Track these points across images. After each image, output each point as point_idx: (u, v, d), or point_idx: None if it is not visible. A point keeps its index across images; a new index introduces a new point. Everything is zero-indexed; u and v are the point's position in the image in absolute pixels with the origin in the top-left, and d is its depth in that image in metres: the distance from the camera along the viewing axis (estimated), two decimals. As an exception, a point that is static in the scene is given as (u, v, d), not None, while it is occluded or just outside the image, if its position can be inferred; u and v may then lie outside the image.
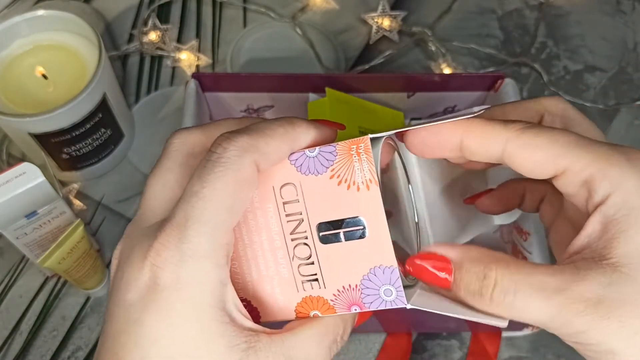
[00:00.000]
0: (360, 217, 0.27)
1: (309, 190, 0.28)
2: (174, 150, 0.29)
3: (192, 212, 0.25)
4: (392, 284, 0.27)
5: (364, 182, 0.27)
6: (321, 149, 0.27)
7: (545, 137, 0.28)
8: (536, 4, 0.72)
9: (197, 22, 0.71)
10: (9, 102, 0.54)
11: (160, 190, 0.28)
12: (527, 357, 0.54)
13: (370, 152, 0.26)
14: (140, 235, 0.26)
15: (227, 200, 0.25)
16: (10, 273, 0.57)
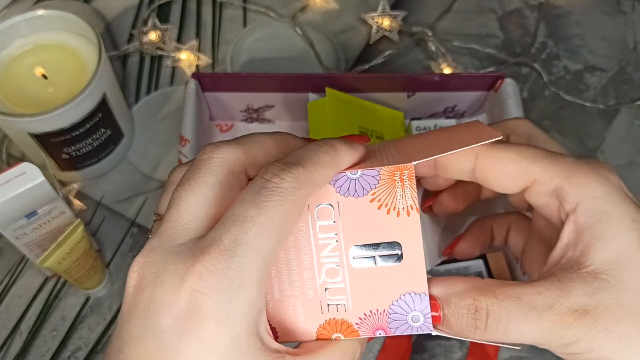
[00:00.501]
0: (397, 242, 0.27)
1: (346, 212, 0.27)
2: (216, 165, 0.26)
3: (244, 237, 0.24)
4: (421, 310, 0.27)
5: (405, 208, 0.27)
6: (364, 172, 0.27)
7: (513, 151, 0.29)
8: (536, 4, 0.72)
9: (197, 22, 0.71)
10: (9, 102, 0.54)
11: (197, 205, 0.26)
12: (527, 357, 0.54)
13: (413, 179, 0.27)
14: (172, 253, 0.24)
15: (280, 230, 0.25)
16: (10, 273, 0.57)
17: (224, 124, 0.63)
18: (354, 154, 0.28)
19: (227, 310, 0.23)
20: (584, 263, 0.27)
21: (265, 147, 0.28)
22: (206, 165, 0.26)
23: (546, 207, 0.30)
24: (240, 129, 0.62)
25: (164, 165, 0.62)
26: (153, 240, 0.25)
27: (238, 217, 0.24)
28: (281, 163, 0.26)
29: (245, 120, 0.63)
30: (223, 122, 0.63)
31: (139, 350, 0.24)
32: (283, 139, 0.29)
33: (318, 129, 0.56)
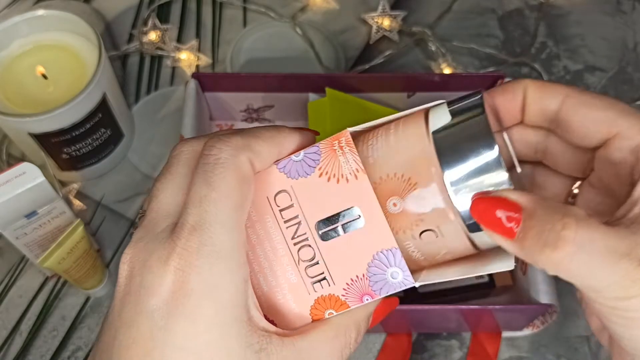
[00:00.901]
0: (354, 207, 0.27)
1: (301, 192, 0.28)
2: (185, 157, 0.28)
3: (206, 215, 0.25)
4: (397, 265, 0.27)
5: (352, 173, 0.27)
6: (305, 152, 0.28)
7: (603, 100, 0.28)
8: (536, 4, 0.72)
9: (197, 22, 0.71)
10: (9, 102, 0.54)
11: (173, 194, 0.27)
12: (527, 357, 0.54)
13: (352, 144, 0.27)
14: (155, 240, 0.26)
15: (235, 199, 0.26)
16: (10, 273, 0.57)
17: (224, 124, 0.63)
18: (296, 136, 0.29)
19: (209, 282, 0.25)
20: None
21: None
22: (177, 158, 0.28)
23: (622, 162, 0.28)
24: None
25: (163, 165, 0.62)
26: (138, 232, 0.27)
27: (195, 198, 0.26)
28: (219, 135, 0.27)
29: (245, 120, 0.63)
30: (223, 122, 0.63)
31: (133, 335, 0.25)
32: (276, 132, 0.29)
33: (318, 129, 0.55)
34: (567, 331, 0.55)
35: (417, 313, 0.49)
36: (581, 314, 0.55)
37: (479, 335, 0.54)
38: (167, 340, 0.24)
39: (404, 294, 0.51)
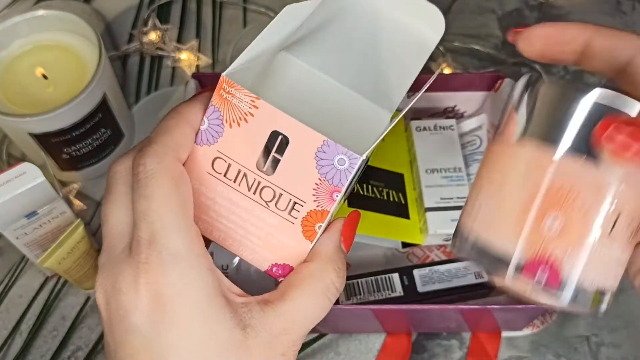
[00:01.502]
0: (272, 131, 0.29)
1: (228, 150, 0.30)
2: (121, 176, 0.30)
3: (154, 226, 0.27)
4: (338, 153, 0.28)
5: (250, 107, 0.29)
6: (207, 116, 0.30)
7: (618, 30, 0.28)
8: (536, 4, 0.72)
9: (197, 22, 0.71)
10: (9, 102, 0.54)
11: (121, 215, 0.29)
12: (527, 357, 0.54)
13: (233, 84, 0.28)
14: (118, 263, 0.27)
15: (175, 201, 0.27)
16: (11, 273, 0.57)
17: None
18: (195, 105, 0.30)
19: (179, 285, 0.26)
20: None
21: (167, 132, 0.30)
22: (114, 179, 0.30)
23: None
24: (240, 129, 0.63)
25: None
26: (101, 258, 0.29)
27: (139, 214, 0.27)
28: (137, 149, 0.29)
29: (245, 120, 0.63)
30: (223, 122, 0.63)
31: (129, 351, 0.27)
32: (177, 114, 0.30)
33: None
34: (567, 331, 0.55)
35: (416, 313, 0.49)
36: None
37: (478, 335, 0.54)
38: (161, 346, 0.26)
39: (404, 293, 0.51)
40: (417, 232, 0.55)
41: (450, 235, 0.54)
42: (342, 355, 0.54)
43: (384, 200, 0.55)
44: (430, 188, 0.55)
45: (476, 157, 0.58)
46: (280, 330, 0.28)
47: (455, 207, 0.54)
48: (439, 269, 0.52)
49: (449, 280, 0.52)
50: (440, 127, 0.58)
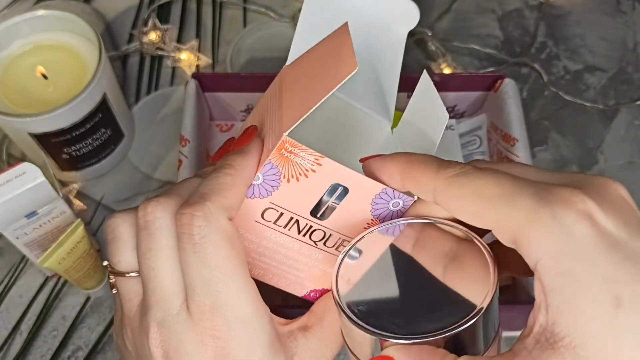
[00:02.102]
0: (333, 183, 0.29)
1: (281, 201, 0.30)
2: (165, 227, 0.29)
3: (219, 295, 0.27)
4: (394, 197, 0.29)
5: (313, 164, 0.29)
6: (262, 172, 0.29)
7: (471, 188, 0.25)
8: (536, 4, 0.72)
9: (197, 22, 0.71)
10: (9, 102, 0.54)
11: (169, 271, 0.29)
12: (527, 357, 0.54)
13: (297, 144, 0.28)
14: (179, 324, 0.28)
15: (237, 268, 0.28)
16: (10, 273, 0.57)
17: (224, 124, 0.63)
18: (250, 160, 0.30)
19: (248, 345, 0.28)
20: (558, 334, 0.23)
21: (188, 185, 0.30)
22: (157, 227, 0.29)
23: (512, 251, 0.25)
24: (240, 129, 0.62)
25: (164, 165, 0.62)
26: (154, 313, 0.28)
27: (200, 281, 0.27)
28: (188, 207, 0.28)
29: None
30: (223, 122, 0.63)
31: None
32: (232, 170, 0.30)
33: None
34: (567, 331, 0.55)
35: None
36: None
37: (478, 335, 0.54)
38: None
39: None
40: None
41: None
42: (342, 356, 0.54)
43: (384, 200, 0.55)
44: (430, 188, 0.55)
45: (476, 157, 0.58)
46: (320, 354, 0.31)
47: (455, 207, 0.54)
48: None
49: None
50: (440, 127, 0.58)
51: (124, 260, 0.31)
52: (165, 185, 0.61)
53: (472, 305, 0.26)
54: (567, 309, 0.23)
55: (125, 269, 0.31)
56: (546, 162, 0.62)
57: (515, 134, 0.55)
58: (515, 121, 0.55)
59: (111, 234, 0.31)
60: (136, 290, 0.30)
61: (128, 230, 0.30)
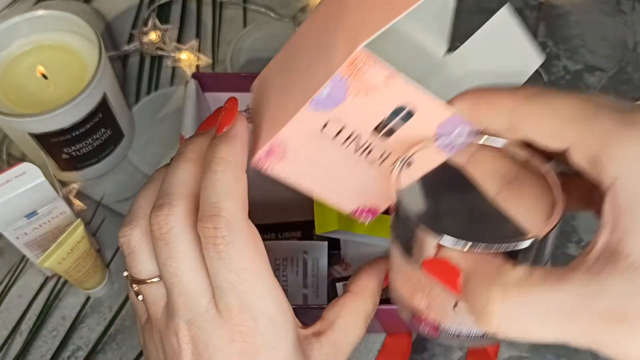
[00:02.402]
0: (401, 104, 0.28)
1: (345, 115, 0.29)
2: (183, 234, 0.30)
3: (245, 295, 0.29)
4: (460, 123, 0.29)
5: (384, 80, 0.27)
6: (330, 84, 0.28)
7: (550, 106, 0.26)
8: (536, 3, 0.72)
9: (197, 22, 0.71)
10: (9, 102, 0.54)
11: (193, 272, 0.30)
12: (527, 357, 0.54)
13: (372, 57, 0.27)
14: (208, 322, 0.29)
15: (261, 268, 0.29)
16: (11, 273, 0.57)
17: (224, 124, 0.63)
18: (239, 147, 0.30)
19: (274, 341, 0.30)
20: (623, 251, 0.22)
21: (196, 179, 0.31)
22: (172, 236, 0.30)
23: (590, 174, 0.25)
24: (240, 129, 0.62)
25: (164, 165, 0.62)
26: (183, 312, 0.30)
27: (227, 284, 0.29)
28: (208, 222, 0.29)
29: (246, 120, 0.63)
30: (223, 122, 0.63)
31: None
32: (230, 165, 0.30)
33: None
34: (567, 331, 0.55)
35: (417, 313, 0.49)
36: (581, 314, 0.55)
37: (478, 335, 0.54)
38: None
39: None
40: (417, 232, 0.55)
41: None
42: None
43: (384, 200, 0.55)
44: (430, 188, 0.55)
45: (476, 157, 0.58)
46: (333, 357, 0.32)
47: (455, 207, 0.54)
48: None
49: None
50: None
51: (144, 269, 0.32)
52: (165, 185, 0.61)
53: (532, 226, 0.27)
54: (636, 230, 0.23)
55: (147, 277, 0.32)
56: (546, 162, 0.62)
57: (515, 134, 0.55)
58: (515, 121, 0.55)
59: (127, 249, 0.32)
60: (161, 294, 0.31)
61: (140, 240, 0.31)
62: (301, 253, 0.53)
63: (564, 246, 0.58)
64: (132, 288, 0.32)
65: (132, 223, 0.31)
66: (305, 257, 0.53)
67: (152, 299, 0.32)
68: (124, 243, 0.32)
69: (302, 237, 0.55)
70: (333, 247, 0.54)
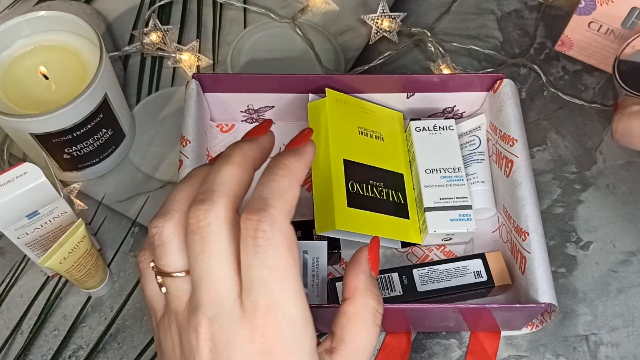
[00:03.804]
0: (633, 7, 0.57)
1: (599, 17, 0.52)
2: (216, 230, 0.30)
3: (274, 295, 0.29)
4: None
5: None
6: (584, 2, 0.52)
7: None
8: (536, 4, 0.72)
9: (198, 23, 0.71)
10: (10, 103, 0.54)
11: (224, 270, 0.30)
12: (526, 356, 0.54)
13: None
14: (230, 320, 0.30)
15: (294, 272, 0.30)
16: (12, 273, 0.57)
17: (225, 124, 0.63)
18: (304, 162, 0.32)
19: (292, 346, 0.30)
20: None
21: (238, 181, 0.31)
22: (209, 232, 0.30)
23: None
24: (241, 130, 0.63)
25: (165, 165, 0.62)
26: (208, 309, 0.30)
27: (258, 280, 0.29)
28: (254, 214, 0.29)
29: (246, 121, 0.63)
30: (224, 122, 0.63)
31: None
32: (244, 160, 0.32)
33: (318, 130, 0.56)
34: (566, 330, 0.55)
35: (416, 312, 0.49)
36: (580, 313, 0.55)
37: (478, 334, 0.54)
38: None
39: (404, 293, 0.52)
40: (417, 232, 0.56)
41: (449, 235, 0.54)
42: None
43: (384, 200, 0.55)
44: (429, 188, 0.55)
45: (475, 157, 0.59)
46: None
47: (454, 207, 0.54)
48: (438, 268, 0.53)
49: (448, 280, 0.52)
50: (440, 127, 0.58)
51: (172, 262, 0.32)
52: (167, 186, 0.61)
53: None
54: None
55: (174, 270, 0.32)
56: (545, 162, 0.63)
57: (514, 134, 0.55)
58: (514, 121, 0.56)
59: (158, 240, 0.32)
60: (185, 289, 0.32)
61: (173, 233, 0.32)
62: (301, 253, 0.53)
63: (563, 246, 0.58)
64: (156, 280, 0.32)
65: (166, 215, 0.32)
66: (305, 257, 0.53)
67: (176, 293, 0.32)
68: (155, 234, 0.32)
69: (302, 237, 0.55)
70: (333, 247, 0.55)
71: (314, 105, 0.57)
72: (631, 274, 0.57)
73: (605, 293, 0.56)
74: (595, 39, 0.62)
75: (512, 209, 0.54)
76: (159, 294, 0.33)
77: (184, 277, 0.32)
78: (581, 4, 0.59)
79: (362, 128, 0.57)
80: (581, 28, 0.62)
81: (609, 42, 0.62)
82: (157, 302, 0.34)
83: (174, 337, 0.32)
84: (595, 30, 0.60)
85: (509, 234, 0.54)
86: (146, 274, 0.34)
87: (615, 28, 0.59)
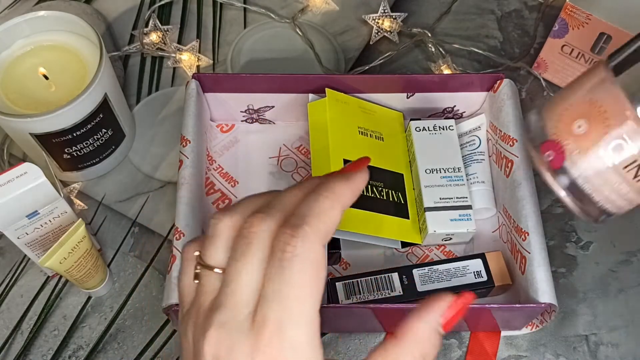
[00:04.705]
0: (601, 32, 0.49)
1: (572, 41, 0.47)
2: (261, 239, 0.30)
3: (286, 314, 0.28)
4: None
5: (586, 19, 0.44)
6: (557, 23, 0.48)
7: None
8: (535, 4, 0.72)
9: (198, 23, 0.71)
10: (10, 103, 0.54)
11: (252, 279, 0.30)
12: (526, 356, 0.54)
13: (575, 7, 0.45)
14: (238, 331, 0.29)
15: (314, 293, 0.29)
16: (12, 273, 0.57)
17: (225, 124, 0.63)
18: (353, 188, 0.31)
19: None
20: None
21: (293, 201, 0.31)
22: (255, 239, 0.30)
23: None
24: (241, 130, 0.63)
25: (165, 165, 0.62)
26: (223, 314, 0.30)
27: (275, 294, 0.29)
28: (289, 228, 0.29)
29: (246, 121, 0.63)
30: (223, 122, 0.63)
31: None
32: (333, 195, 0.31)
33: (318, 130, 0.56)
34: (566, 330, 0.55)
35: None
36: (580, 313, 0.55)
37: (478, 334, 0.54)
38: None
39: (404, 292, 0.52)
40: (417, 232, 0.56)
41: (449, 235, 0.54)
42: (342, 355, 0.54)
43: (384, 200, 0.55)
44: (429, 188, 0.55)
45: (475, 157, 0.59)
46: None
47: (454, 207, 0.54)
48: (438, 268, 0.53)
49: (448, 280, 0.52)
50: (440, 127, 0.58)
51: (214, 256, 0.32)
52: (167, 186, 0.61)
53: None
54: None
55: (212, 264, 0.32)
56: (545, 162, 0.63)
57: (514, 134, 0.55)
58: (514, 121, 0.56)
59: (212, 230, 0.32)
60: (216, 287, 0.32)
61: (227, 231, 0.32)
62: None
63: (562, 246, 0.58)
64: (195, 269, 0.33)
65: (229, 213, 0.32)
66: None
67: (206, 288, 0.32)
68: (213, 224, 0.32)
69: (302, 237, 0.55)
70: (333, 247, 0.55)
71: (314, 105, 0.57)
72: (631, 274, 0.57)
73: (605, 293, 0.56)
74: (567, 62, 0.62)
75: (512, 209, 0.54)
76: (192, 285, 0.33)
77: (219, 275, 0.32)
78: (555, 27, 0.59)
79: (362, 128, 0.57)
80: (555, 51, 0.62)
81: (580, 66, 0.62)
82: (188, 294, 0.34)
83: (191, 330, 0.32)
84: (567, 53, 0.61)
85: (509, 234, 0.54)
86: (187, 264, 0.34)
87: (585, 52, 0.59)
